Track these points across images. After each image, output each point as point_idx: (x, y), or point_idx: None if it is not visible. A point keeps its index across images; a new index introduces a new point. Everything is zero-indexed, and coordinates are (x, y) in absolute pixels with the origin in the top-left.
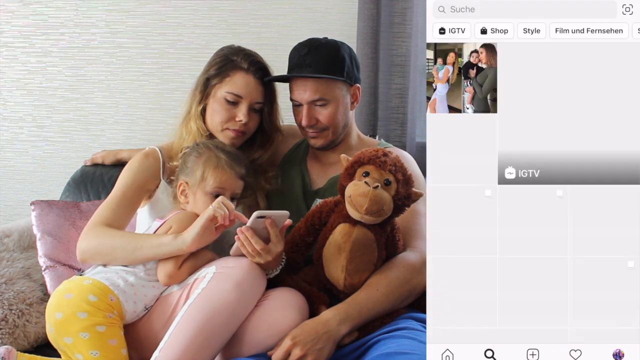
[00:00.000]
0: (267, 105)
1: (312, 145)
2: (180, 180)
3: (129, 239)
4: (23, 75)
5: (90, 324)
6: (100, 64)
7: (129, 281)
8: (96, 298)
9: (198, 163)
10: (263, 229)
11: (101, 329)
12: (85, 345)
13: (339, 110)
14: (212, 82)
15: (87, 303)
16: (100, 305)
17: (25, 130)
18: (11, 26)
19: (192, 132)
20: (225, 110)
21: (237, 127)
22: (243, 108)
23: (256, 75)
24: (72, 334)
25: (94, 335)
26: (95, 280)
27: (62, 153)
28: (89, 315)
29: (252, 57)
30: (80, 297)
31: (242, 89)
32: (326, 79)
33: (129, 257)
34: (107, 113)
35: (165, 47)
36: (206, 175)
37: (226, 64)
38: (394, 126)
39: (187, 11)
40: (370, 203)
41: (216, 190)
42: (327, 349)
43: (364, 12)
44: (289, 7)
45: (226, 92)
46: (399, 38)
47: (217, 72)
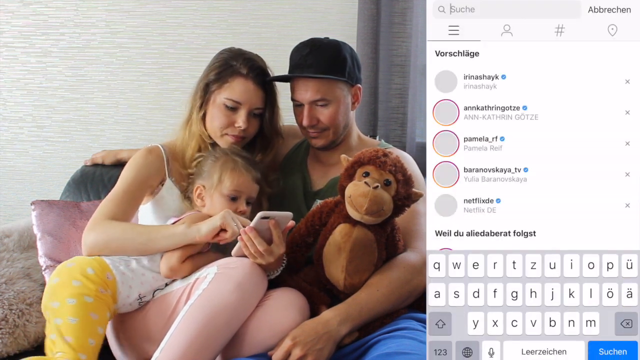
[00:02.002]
0: (268, 109)
1: (313, 145)
2: (197, 184)
3: (140, 230)
4: (23, 75)
5: (80, 292)
6: (100, 64)
7: (131, 266)
8: (93, 271)
9: (215, 166)
10: (266, 229)
11: (88, 299)
12: (67, 310)
13: (340, 111)
14: (212, 87)
15: (83, 274)
16: (95, 279)
17: (25, 130)
18: (11, 26)
19: (194, 135)
20: (225, 116)
21: (236, 133)
22: (242, 114)
23: (256, 80)
24: (60, 298)
25: (79, 303)
26: (98, 257)
27: (62, 153)
28: (82, 284)
29: (251, 61)
30: (80, 267)
31: (242, 95)
32: (327, 79)
33: (140, 249)
34: (107, 113)
35: (165, 47)
36: (223, 177)
37: (225, 69)
38: (394, 126)
39: (187, 11)
40: (370, 203)
41: (233, 192)
42: (327, 349)
43: (364, 12)
44: (289, 7)
45: (225, 98)
46: (399, 38)
47: (217, 78)
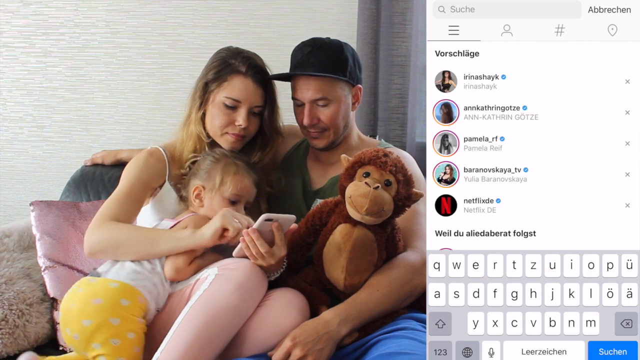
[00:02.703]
0: (268, 107)
1: (314, 146)
2: (196, 184)
3: (144, 233)
4: (23, 75)
5: (123, 330)
6: (100, 64)
7: (153, 281)
8: (128, 302)
9: (216, 168)
10: (269, 231)
11: (131, 336)
12: (113, 350)
13: (340, 110)
14: (211, 87)
15: (120, 307)
16: (133, 309)
17: (25, 130)
18: (11, 26)
19: (192, 136)
20: (225, 114)
21: (237, 132)
22: (242, 112)
23: (255, 78)
24: (102, 340)
25: (124, 342)
26: (123, 282)
27: (62, 153)
28: (122, 320)
29: (250, 59)
30: (112, 302)
31: (241, 93)
32: (329, 79)
33: (144, 251)
34: (107, 113)
35: (165, 47)
36: (226, 180)
37: (224, 67)
38: (394, 126)
39: (187, 11)
40: (370, 204)
41: (234, 196)
42: (327, 350)
43: (364, 12)
44: (289, 7)
45: (225, 97)
46: (399, 38)
47: (215, 77)
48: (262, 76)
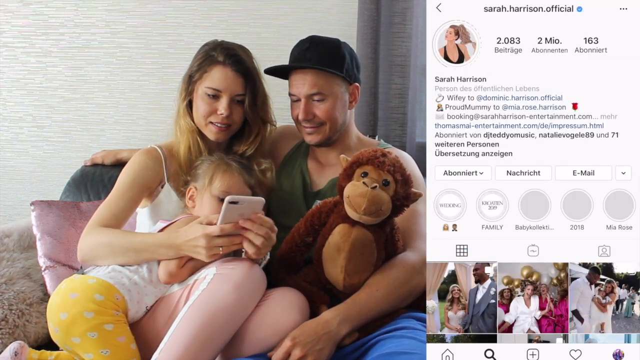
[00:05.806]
0: (249, 95)
1: (309, 142)
2: (190, 186)
3: (128, 238)
4: (23, 75)
5: (98, 323)
6: (100, 64)
7: (133, 280)
8: (102, 297)
9: (209, 168)
10: (238, 215)
11: (109, 327)
12: (94, 344)
13: (336, 106)
14: (194, 78)
15: (94, 302)
16: (106, 304)
17: (25, 130)
18: (11, 26)
19: (184, 131)
20: (207, 104)
21: (220, 121)
22: (224, 101)
23: (234, 67)
24: (79, 334)
25: (103, 334)
26: (100, 279)
27: (62, 153)
28: (96, 314)
29: (228, 50)
30: (86, 296)
31: (221, 82)
32: (325, 73)
33: (129, 257)
34: (107, 113)
35: (165, 47)
36: (215, 178)
37: (205, 59)
38: (394, 126)
39: (187, 11)
40: (368, 203)
41: (222, 194)
42: (327, 350)
43: (364, 12)
44: (289, 7)
45: (206, 87)
46: (399, 38)
47: (198, 68)
48: (242, 65)
